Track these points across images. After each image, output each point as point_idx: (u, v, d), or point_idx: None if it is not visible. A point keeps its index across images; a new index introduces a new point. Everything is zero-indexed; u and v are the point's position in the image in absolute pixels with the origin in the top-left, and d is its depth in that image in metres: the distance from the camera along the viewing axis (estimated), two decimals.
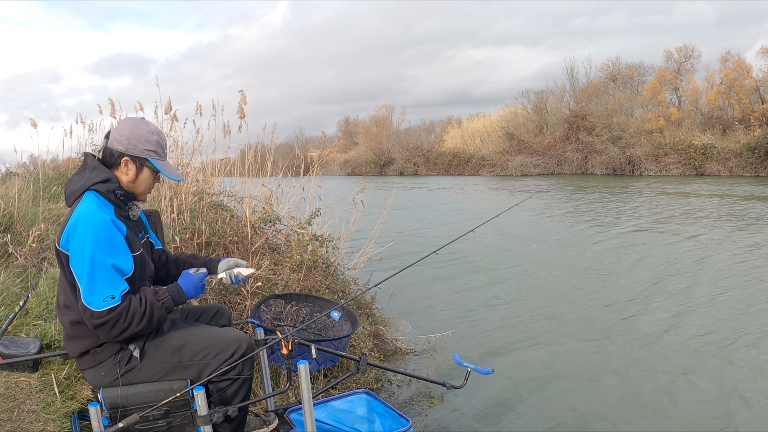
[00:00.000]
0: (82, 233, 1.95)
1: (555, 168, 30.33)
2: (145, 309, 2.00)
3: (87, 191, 2.06)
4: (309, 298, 3.20)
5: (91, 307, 1.92)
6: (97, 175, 2.08)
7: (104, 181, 2.07)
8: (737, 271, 7.41)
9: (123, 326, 1.96)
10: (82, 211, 1.99)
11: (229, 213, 5.07)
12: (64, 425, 2.47)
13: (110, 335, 1.98)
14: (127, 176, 2.13)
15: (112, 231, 1.99)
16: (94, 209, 2.00)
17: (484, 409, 3.95)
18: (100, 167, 2.11)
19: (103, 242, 1.95)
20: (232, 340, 2.17)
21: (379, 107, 47.12)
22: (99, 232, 1.95)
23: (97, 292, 1.93)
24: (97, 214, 1.98)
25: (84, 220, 1.96)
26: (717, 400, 3.93)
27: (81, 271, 1.94)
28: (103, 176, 2.08)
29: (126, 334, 1.99)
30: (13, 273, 3.73)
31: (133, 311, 1.97)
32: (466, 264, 8.59)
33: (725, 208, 13.51)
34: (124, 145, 2.10)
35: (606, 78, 34.21)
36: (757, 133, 24.01)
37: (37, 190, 5.82)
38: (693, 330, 5.31)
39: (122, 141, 2.11)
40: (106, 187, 2.07)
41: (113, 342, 2.05)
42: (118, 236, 2.01)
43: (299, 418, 2.44)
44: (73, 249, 1.96)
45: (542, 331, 5.47)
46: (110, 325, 1.94)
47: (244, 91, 4.83)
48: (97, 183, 2.06)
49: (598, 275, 7.62)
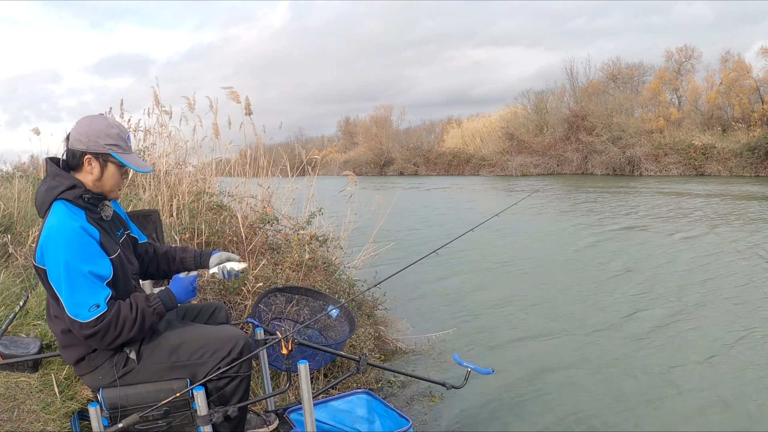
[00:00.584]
0: (54, 245, 1.91)
1: (555, 168, 30.32)
2: (136, 316, 1.98)
3: (55, 201, 2.00)
4: (309, 291, 3.20)
5: (78, 319, 1.90)
6: (61, 182, 2.02)
7: (69, 188, 2.01)
8: (734, 269, 7.41)
9: (114, 334, 1.95)
10: (52, 224, 1.94)
11: (228, 213, 5.07)
12: (64, 425, 2.47)
13: (102, 344, 1.97)
14: (92, 175, 2.06)
15: (83, 238, 1.94)
16: (63, 219, 1.95)
17: (484, 409, 3.95)
18: (62, 173, 2.05)
19: (76, 251, 1.91)
20: (229, 338, 2.16)
21: (379, 107, 47.07)
22: (71, 242, 1.91)
23: (80, 303, 1.90)
24: (66, 224, 1.93)
25: (54, 233, 1.92)
26: (735, 400, 3.93)
27: (59, 283, 1.91)
28: (67, 183, 2.02)
29: (118, 341, 1.98)
30: (13, 273, 3.73)
31: (123, 319, 1.95)
32: (466, 264, 8.59)
33: (725, 207, 13.50)
34: (84, 143, 2.03)
35: (606, 78, 34.21)
36: (757, 133, 24.01)
37: (37, 190, 5.81)
38: (692, 329, 5.31)
39: (82, 140, 2.04)
40: (72, 193, 2.01)
41: (105, 349, 2.04)
42: (91, 242, 1.96)
43: (299, 418, 2.44)
44: (49, 263, 1.93)
45: (543, 331, 5.47)
46: (101, 334, 1.93)
47: (244, 91, 4.87)
48: (63, 191, 2.00)
49: (598, 275, 7.62)
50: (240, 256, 4.51)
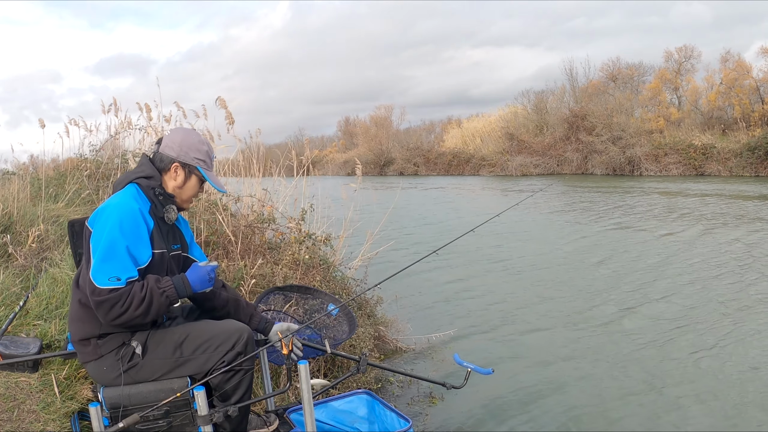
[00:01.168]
0: (109, 214, 2.03)
1: (555, 168, 30.32)
2: (145, 294, 1.99)
3: (129, 183, 2.16)
4: (309, 290, 3.18)
5: (95, 282, 1.95)
6: (142, 170, 2.20)
7: (147, 177, 2.18)
8: (734, 268, 7.42)
9: (120, 309, 1.96)
10: (116, 198, 2.10)
11: (227, 212, 5.07)
12: (64, 425, 2.47)
13: (108, 317, 1.97)
14: (175, 181, 2.23)
15: (137, 219, 2.05)
16: (127, 198, 2.09)
17: (484, 409, 3.96)
18: (147, 164, 2.22)
19: (126, 226, 2.01)
20: (233, 331, 2.17)
21: (379, 107, 46.99)
22: (124, 217, 2.02)
23: (105, 270, 1.96)
24: (128, 202, 2.07)
25: (114, 205, 2.06)
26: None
27: (97, 246, 2.00)
28: (147, 172, 2.19)
29: (123, 318, 1.97)
30: (13, 273, 3.73)
31: (132, 296, 1.98)
32: (466, 264, 8.60)
33: (723, 207, 13.50)
34: (176, 151, 2.22)
35: (606, 78, 34.21)
36: (757, 133, 24.01)
37: (37, 190, 5.82)
38: (691, 329, 5.31)
39: (174, 147, 2.22)
40: (147, 182, 2.17)
41: (111, 327, 2.04)
42: (142, 227, 2.06)
43: (299, 418, 2.44)
44: (97, 226, 2.04)
45: (543, 331, 5.47)
46: (108, 305, 1.95)
47: (243, 92, 4.92)
48: (140, 177, 2.17)
49: (598, 275, 7.62)
50: (240, 256, 4.52)
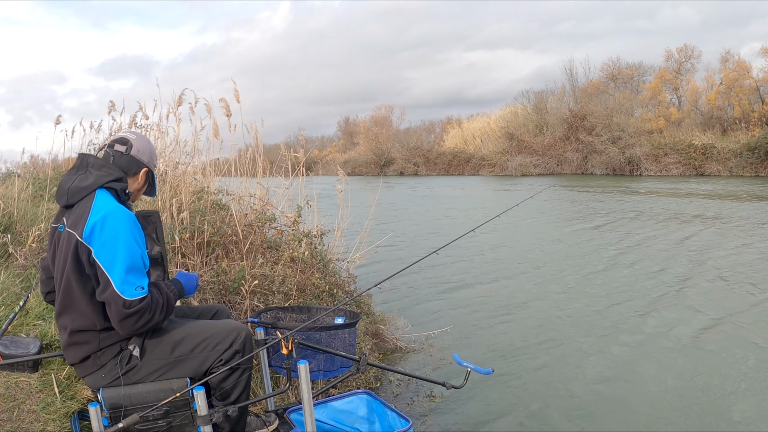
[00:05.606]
0: (113, 225, 1.98)
1: (555, 168, 30.34)
2: (164, 300, 2.07)
3: (99, 189, 2.09)
4: (311, 309, 3.09)
5: (124, 296, 1.93)
6: (109, 173, 2.13)
7: (117, 180, 2.15)
8: (733, 266, 7.42)
9: (148, 317, 2.00)
10: (108, 206, 2.02)
11: (228, 212, 5.07)
12: (64, 425, 2.47)
13: (136, 326, 1.98)
14: (137, 184, 2.27)
15: (138, 225, 2.08)
16: (118, 205, 2.06)
17: (484, 409, 3.95)
18: (110, 166, 2.16)
19: (137, 234, 2.04)
20: (230, 330, 2.18)
21: (379, 107, 47.09)
22: (131, 225, 2.03)
23: (130, 281, 1.96)
24: (122, 209, 2.05)
25: (114, 214, 2.00)
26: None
27: (113, 261, 1.94)
28: (116, 175, 2.14)
29: (150, 325, 2.02)
30: (13, 273, 3.72)
31: (155, 302, 2.03)
32: (466, 263, 8.59)
33: (722, 208, 13.50)
34: (147, 157, 2.27)
35: (606, 78, 34.23)
36: (756, 133, 24.02)
37: (37, 190, 5.82)
38: (690, 329, 5.31)
39: (146, 153, 2.27)
40: (119, 185, 2.15)
41: (132, 334, 2.05)
42: (141, 231, 2.10)
43: (299, 418, 2.44)
44: (102, 241, 1.96)
45: (542, 331, 5.47)
46: (138, 315, 1.96)
47: (243, 92, 4.89)
48: (111, 181, 2.12)
49: (597, 275, 7.62)
50: (240, 255, 4.52)
